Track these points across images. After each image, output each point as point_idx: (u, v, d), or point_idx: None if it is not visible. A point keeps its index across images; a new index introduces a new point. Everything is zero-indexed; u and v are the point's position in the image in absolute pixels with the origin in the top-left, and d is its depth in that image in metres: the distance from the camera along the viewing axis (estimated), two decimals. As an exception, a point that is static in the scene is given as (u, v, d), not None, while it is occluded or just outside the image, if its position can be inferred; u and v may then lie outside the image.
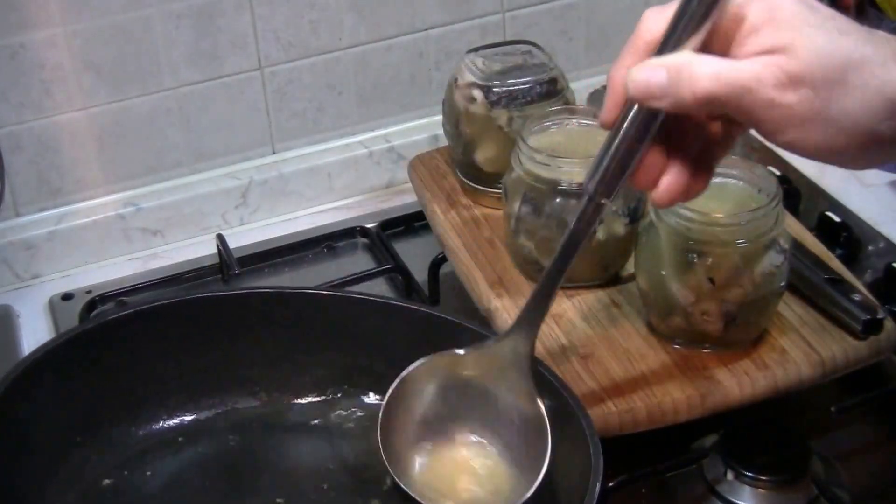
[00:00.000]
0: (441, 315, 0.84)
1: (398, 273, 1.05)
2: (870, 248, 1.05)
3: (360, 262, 1.09)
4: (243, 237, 1.11)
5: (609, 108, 0.65)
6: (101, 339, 0.82)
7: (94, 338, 0.82)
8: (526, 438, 0.75)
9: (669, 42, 0.63)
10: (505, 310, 0.88)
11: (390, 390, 0.78)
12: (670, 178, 0.65)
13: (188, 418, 0.85)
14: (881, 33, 0.62)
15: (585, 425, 0.73)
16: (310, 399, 0.86)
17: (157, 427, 0.84)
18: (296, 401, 0.86)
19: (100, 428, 0.82)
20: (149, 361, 0.83)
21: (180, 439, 0.84)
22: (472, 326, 0.82)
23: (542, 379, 0.77)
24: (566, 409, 0.74)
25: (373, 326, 0.85)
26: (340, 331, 0.85)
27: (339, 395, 0.86)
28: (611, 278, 0.91)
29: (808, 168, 1.16)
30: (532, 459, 0.74)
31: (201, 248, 1.11)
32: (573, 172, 0.87)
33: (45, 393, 0.78)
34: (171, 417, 0.85)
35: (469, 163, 0.99)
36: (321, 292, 0.89)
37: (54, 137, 1.05)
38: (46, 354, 0.79)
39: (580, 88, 1.10)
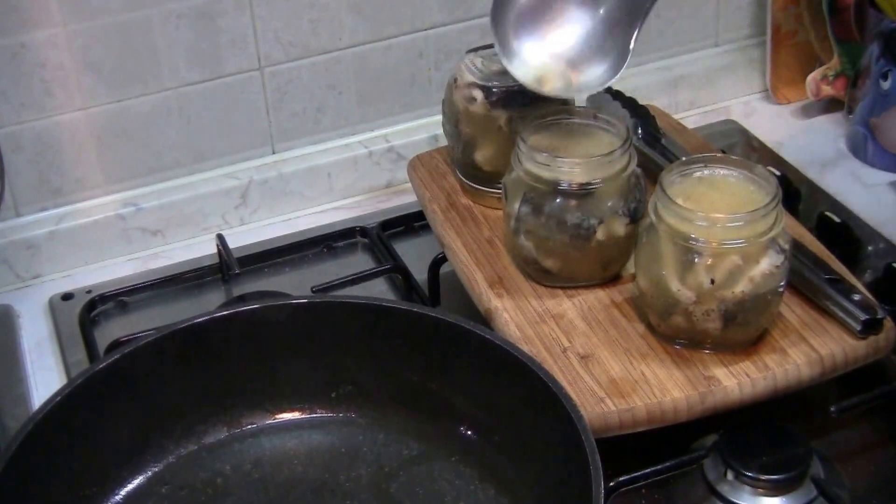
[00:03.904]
0: (439, 316, 0.84)
1: (398, 273, 1.05)
2: (869, 248, 1.05)
3: (360, 262, 1.09)
4: (243, 237, 1.11)
5: None
6: (106, 384, 0.81)
7: (99, 383, 0.81)
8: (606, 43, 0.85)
9: None
10: (505, 310, 0.88)
11: None
12: None
13: (194, 447, 0.85)
14: None
15: (581, 428, 0.73)
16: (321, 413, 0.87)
17: (166, 461, 0.84)
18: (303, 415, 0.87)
19: (108, 475, 0.82)
20: (153, 397, 0.83)
21: (190, 472, 0.84)
22: (470, 327, 0.82)
23: (537, 379, 0.77)
24: (562, 412, 0.74)
25: (367, 330, 0.85)
26: (331, 338, 0.86)
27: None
28: (611, 278, 0.91)
29: (809, 168, 1.16)
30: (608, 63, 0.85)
31: (201, 248, 1.11)
32: (573, 172, 0.87)
33: (54, 448, 0.78)
34: (178, 447, 0.85)
35: (469, 163, 0.99)
36: (303, 301, 0.88)
37: (55, 137, 1.05)
38: (54, 408, 0.78)
39: (580, 88, 1.10)
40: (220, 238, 1.08)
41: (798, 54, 1.24)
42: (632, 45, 0.86)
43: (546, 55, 0.88)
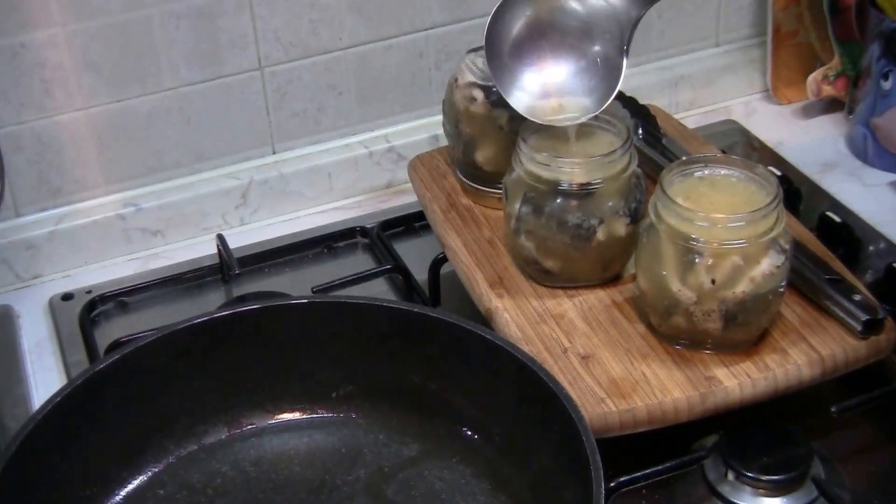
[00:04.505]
0: (440, 316, 0.84)
1: (398, 273, 1.05)
2: (870, 248, 1.05)
3: (361, 262, 1.09)
4: (243, 237, 1.11)
5: None
6: (106, 384, 0.81)
7: (99, 383, 0.81)
8: (596, 77, 0.88)
9: None
10: (505, 310, 0.88)
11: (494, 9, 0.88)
12: None
13: (194, 447, 0.85)
14: None
15: (581, 429, 0.73)
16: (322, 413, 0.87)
17: (166, 461, 0.84)
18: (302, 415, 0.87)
19: (108, 475, 0.81)
20: (153, 397, 0.83)
21: (190, 472, 0.84)
22: (471, 327, 0.82)
23: (537, 379, 0.77)
24: (562, 412, 0.74)
25: (367, 330, 0.85)
26: (331, 338, 0.85)
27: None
28: (611, 278, 0.91)
29: (809, 168, 1.16)
30: (596, 95, 0.87)
31: (201, 249, 1.11)
32: (573, 172, 0.87)
33: (54, 448, 0.78)
34: (178, 447, 0.85)
35: (469, 163, 0.99)
36: (303, 301, 0.88)
37: (54, 137, 1.05)
38: (54, 408, 0.78)
39: (580, 88, 1.10)
40: (221, 238, 1.08)
41: (799, 54, 1.24)
42: (622, 74, 0.87)
43: (540, 86, 0.90)
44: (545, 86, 0.90)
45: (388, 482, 0.82)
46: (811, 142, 1.20)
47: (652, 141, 1.01)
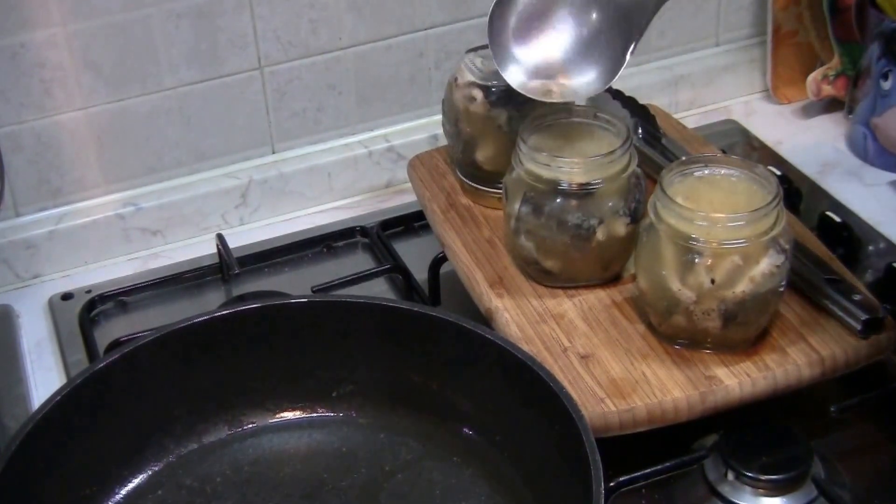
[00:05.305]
0: (440, 316, 0.84)
1: (398, 273, 1.05)
2: (870, 248, 1.05)
3: (360, 262, 1.09)
4: (243, 237, 1.11)
5: None
6: (106, 383, 0.81)
7: (99, 382, 0.81)
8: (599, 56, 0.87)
9: None
10: (506, 310, 0.88)
11: None
12: None
13: (194, 446, 0.85)
14: None
15: (581, 428, 0.73)
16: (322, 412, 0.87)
17: (166, 461, 0.84)
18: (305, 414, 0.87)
19: (108, 475, 0.81)
20: (153, 396, 0.83)
21: (190, 471, 0.84)
22: (471, 327, 0.82)
23: (538, 379, 0.77)
24: (562, 412, 0.74)
25: (368, 330, 0.85)
26: (331, 337, 0.85)
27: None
28: (611, 278, 0.91)
29: (809, 168, 1.16)
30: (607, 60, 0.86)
31: (201, 248, 1.11)
32: (573, 172, 0.87)
33: (54, 448, 0.78)
34: (178, 446, 0.85)
35: (469, 162, 0.99)
36: (303, 300, 0.88)
37: (54, 137, 1.05)
38: (53, 408, 0.78)
39: (580, 88, 1.10)
40: (220, 238, 1.08)
41: (799, 54, 1.24)
42: (628, 55, 0.87)
43: (542, 62, 0.89)
44: (549, 63, 0.89)
45: (388, 481, 0.82)
46: (811, 141, 1.20)
47: (652, 141, 1.01)
